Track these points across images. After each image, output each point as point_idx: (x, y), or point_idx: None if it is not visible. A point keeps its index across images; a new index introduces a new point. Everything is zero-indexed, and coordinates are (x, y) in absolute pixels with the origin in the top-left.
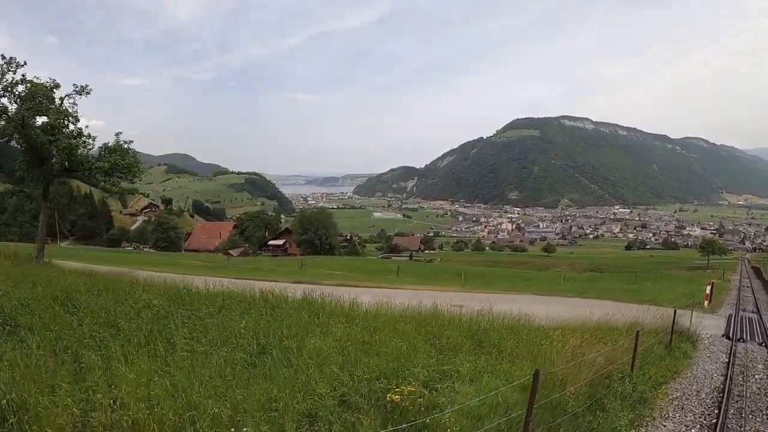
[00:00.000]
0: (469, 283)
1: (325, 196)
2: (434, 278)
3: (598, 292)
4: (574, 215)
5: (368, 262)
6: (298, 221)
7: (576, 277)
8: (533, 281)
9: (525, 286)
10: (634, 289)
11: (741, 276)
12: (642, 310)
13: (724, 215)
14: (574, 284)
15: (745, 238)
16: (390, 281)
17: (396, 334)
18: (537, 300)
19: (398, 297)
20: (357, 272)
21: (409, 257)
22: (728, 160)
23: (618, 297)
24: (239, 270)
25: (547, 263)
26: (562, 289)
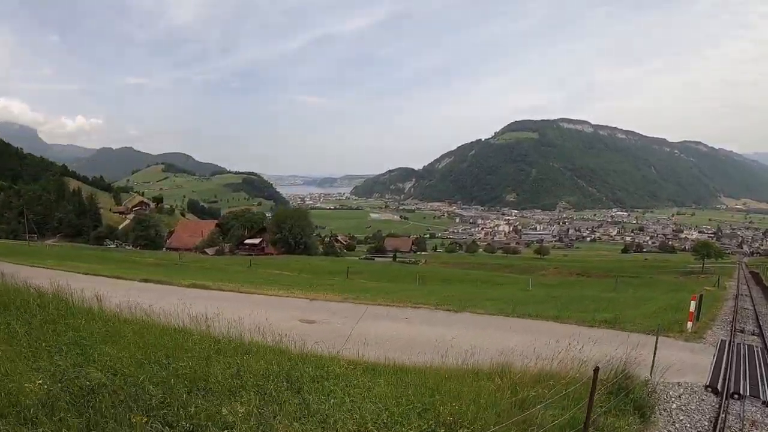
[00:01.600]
0: (410, 290)
1: (322, 197)
2: (387, 280)
3: (563, 302)
4: (572, 218)
5: (335, 263)
6: (273, 220)
7: (551, 282)
8: (503, 286)
9: (487, 291)
10: (609, 299)
11: (739, 282)
12: (589, 337)
13: (722, 219)
14: (544, 290)
15: (742, 242)
16: (286, 287)
17: None
18: (456, 320)
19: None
20: (303, 272)
21: (393, 258)
22: (727, 164)
23: (577, 312)
24: (170, 269)
25: (532, 266)
26: (523, 297)
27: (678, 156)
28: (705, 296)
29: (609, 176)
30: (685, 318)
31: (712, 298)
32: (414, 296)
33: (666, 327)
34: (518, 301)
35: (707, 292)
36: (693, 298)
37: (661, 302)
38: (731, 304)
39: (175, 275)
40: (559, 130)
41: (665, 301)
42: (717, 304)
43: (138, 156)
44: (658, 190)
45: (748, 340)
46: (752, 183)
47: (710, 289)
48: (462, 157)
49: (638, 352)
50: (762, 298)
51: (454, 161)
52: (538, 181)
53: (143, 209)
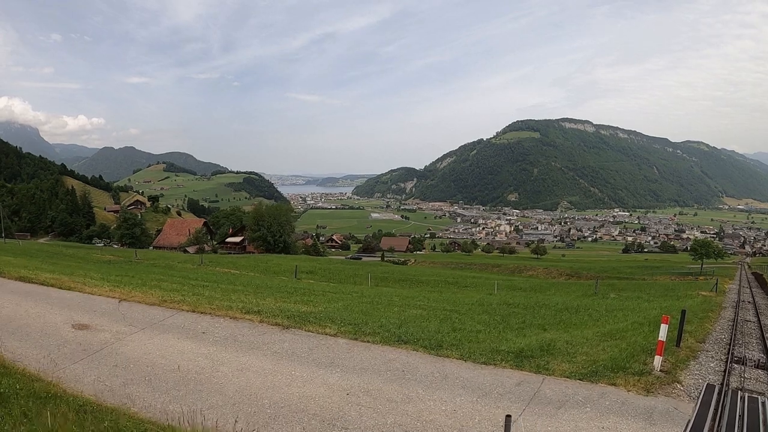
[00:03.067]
0: (352, 291)
1: (324, 196)
2: (337, 281)
3: (504, 315)
4: (573, 218)
5: (307, 261)
6: (251, 217)
7: (527, 286)
8: (467, 289)
9: (431, 296)
10: (575, 307)
11: (740, 285)
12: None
13: (724, 219)
14: (510, 294)
15: (745, 242)
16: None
17: None
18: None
19: None
20: (254, 271)
21: (381, 258)
22: (729, 164)
23: (499, 333)
24: (93, 265)
25: (522, 266)
26: (462, 306)
27: (680, 156)
28: (699, 304)
29: (611, 176)
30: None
31: (707, 306)
32: (290, 299)
33: (622, 363)
34: (446, 311)
35: (702, 298)
36: (664, 319)
37: (640, 314)
38: (729, 315)
39: (46, 268)
40: (561, 130)
41: (644, 313)
42: (711, 316)
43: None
44: (660, 190)
45: (750, 381)
46: (754, 183)
47: (706, 294)
48: (463, 157)
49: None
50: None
51: (455, 161)
52: (540, 180)
53: (139, 208)
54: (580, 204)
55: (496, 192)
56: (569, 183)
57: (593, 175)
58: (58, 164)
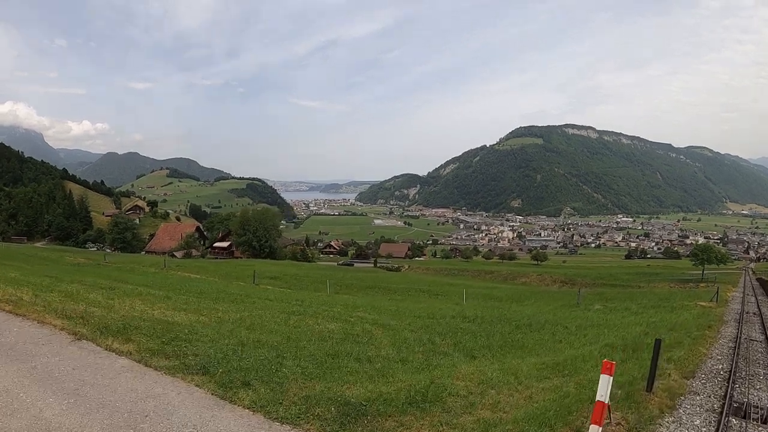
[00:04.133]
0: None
1: (327, 203)
2: (299, 288)
3: (456, 331)
4: (577, 224)
5: (285, 266)
6: (237, 221)
7: (504, 294)
8: (442, 297)
9: (412, 303)
10: (543, 323)
11: (744, 292)
12: None
13: (728, 224)
14: (482, 305)
15: (749, 247)
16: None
17: None
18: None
19: None
20: (215, 276)
21: (374, 264)
22: (732, 169)
23: (389, 372)
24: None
25: (516, 273)
26: (429, 315)
27: (683, 161)
28: (695, 318)
29: (614, 182)
30: (630, 374)
31: (704, 321)
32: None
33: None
34: (375, 326)
35: (700, 310)
36: (605, 368)
37: (617, 332)
38: (731, 333)
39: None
40: (564, 136)
41: (623, 331)
42: (708, 335)
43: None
44: (664, 195)
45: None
46: (758, 188)
47: (705, 305)
48: (467, 163)
49: None
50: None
51: (458, 167)
52: (543, 187)
53: (137, 213)
54: (584, 210)
55: (499, 198)
56: (572, 189)
57: (596, 181)
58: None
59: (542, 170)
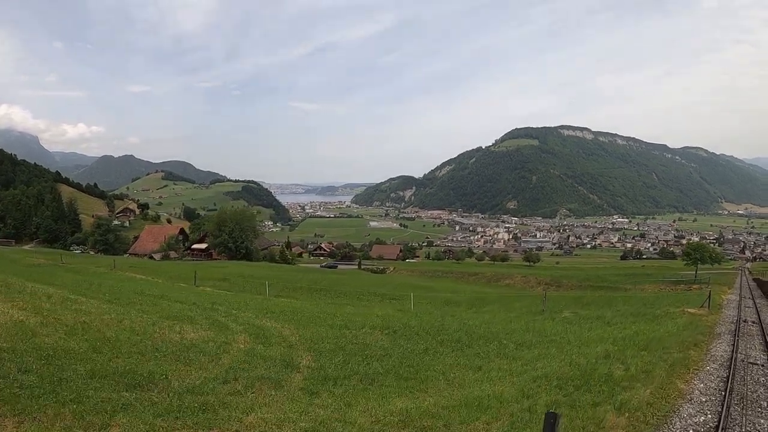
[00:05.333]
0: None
1: (323, 205)
2: (240, 290)
3: (361, 350)
4: (572, 225)
5: (252, 268)
6: (213, 222)
7: (465, 298)
8: (398, 301)
9: (353, 308)
10: (482, 336)
11: (741, 294)
12: None
13: (723, 224)
14: (423, 311)
15: (745, 247)
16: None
17: None
18: None
19: None
20: (162, 277)
21: (358, 266)
22: (728, 169)
23: None
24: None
25: (501, 274)
26: (344, 325)
27: (679, 162)
28: (680, 330)
29: (610, 183)
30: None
31: (690, 336)
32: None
33: None
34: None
35: (687, 319)
36: None
37: (565, 356)
38: (723, 354)
39: None
40: (559, 137)
41: (576, 352)
42: (692, 357)
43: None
44: (659, 196)
45: None
46: (753, 188)
47: (694, 312)
48: (462, 165)
49: None
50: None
51: (454, 169)
52: (539, 188)
53: (127, 215)
54: (579, 211)
55: (495, 200)
56: (568, 190)
57: (592, 182)
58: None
59: (538, 171)
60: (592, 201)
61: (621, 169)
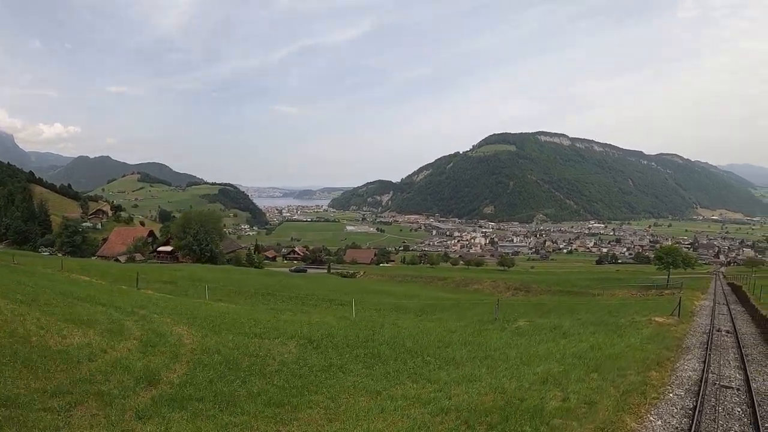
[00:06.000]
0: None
1: (300, 209)
2: (195, 294)
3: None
4: (549, 230)
5: (211, 271)
6: (178, 224)
7: (414, 306)
8: (342, 307)
9: (289, 315)
10: (405, 353)
11: (715, 300)
12: None
13: (698, 230)
14: (360, 321)
15: (719, 251)
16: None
17: None
18: None
19: None
20: (105, 279)
21: (327, 270)
22: (703, 176)
23: None
24: None
25: (470, 279)
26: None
27: (654, 168)
28: (641, 344)
29: (586, 188)
30: None
31: (653, 351)
32: None
33: None
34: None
35: (653, 329)
36: None
37: (499, 379)
38: (691, 375)
39: None
40: (537, 143)
41: (507, 378)
42: (652, 383)
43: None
44: (635, 201)
45: None
46: (728, 194)
47: (662, 322)
48: (440, 170)
49: None
50: (763, 344)
51: (432, 174)
52: (516, 193)
53: (100, 217)
54: (556, 216)
55: (472, 205)
56: (545, 195)
57: (569, 187)
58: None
59: (515, 177)
60: (568, 206)
61: (597, 174)
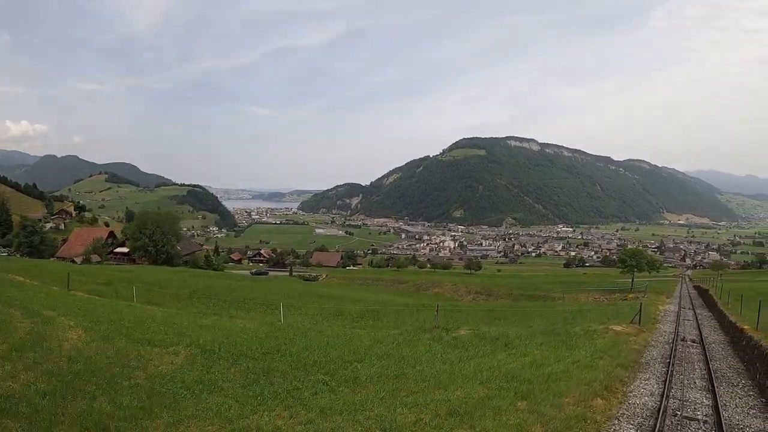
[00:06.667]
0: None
1: (269, 211)
2: (123, 296)
3: None
4: (518, 234)
5: (164, 273)
6: (134, 224)
7: (356, 311)
8: (279, 312)
9: (214, 319)
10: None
11: (680, 304)
12: None
13: (665, 234)
14: (287, 326)
15: (685, 255)
16: None
17: None
18: None
19: None
20: (39, 280)
21: (289, 273)
22: (670, 181)
23: None
24: None
25: (431, 282)
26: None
27: (622, 174)
28: (592, 358)
29: (555, 193)
30: None
31: (605, 369)
32: None
33: None
34: None
35: (609, 340)
36: None
37: (394, 403)
38: (648, 402)
39: None
40: (506, 148)
41: (417, 402)
42: (600, 409)
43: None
44: (603, 206)
45: None
46: (693, 199)
47: (620, 330)
48: (410, 174)
49: None
50: (733, 355)
51: (401, 177)
52: (485, 197)
53: (63, 217)
54: (525, 220)
55: (441, 208)
56: (514, 200)
57: (538, 192)
58: None
59: (484, 181)
60: (537, 210)
61: (566, 179)
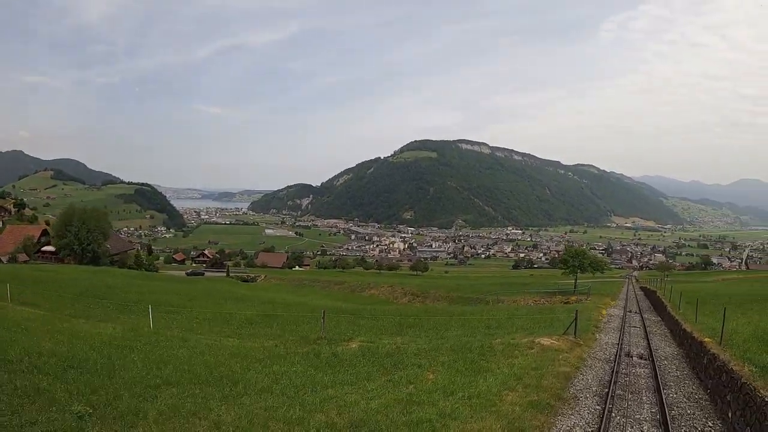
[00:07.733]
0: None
1: (219, 211)
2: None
3: None
4: (468, 235)
5: (53, 270)
6: (59, 221)
7: (252, 316)
8: (166, 316)
9: (74, 323)
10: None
11: (626, 307)
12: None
13: (612, 236)
14: (153, 333)
15: (632, 256)
16: None
17: None
18: None
19: None
20: None
21: (227, 274)
22: (617, 186)
23: None
24: None
25: (367, 283)
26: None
27: (571, 178)
28: (507, 385)
29: (505, 196)
30: None
31: (520, 396)
32: None
33: None
34: None
35: (533, 358)
36: None
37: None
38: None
39: None
40: (457, 151)
41: None
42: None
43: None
44: (552, 209)
45: None
46: (640, 203)
47: (549, 345)
48: (360, 175)
49: None
50: (692, 377)
51: (352, 179)
52: (436, 199)
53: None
54: (475, 222)
55: (392, 210)
56: (464, 202)
57: (488, 194)
58: None
59: (435, 183)
60: (487, 213)
61: (516, 183)
